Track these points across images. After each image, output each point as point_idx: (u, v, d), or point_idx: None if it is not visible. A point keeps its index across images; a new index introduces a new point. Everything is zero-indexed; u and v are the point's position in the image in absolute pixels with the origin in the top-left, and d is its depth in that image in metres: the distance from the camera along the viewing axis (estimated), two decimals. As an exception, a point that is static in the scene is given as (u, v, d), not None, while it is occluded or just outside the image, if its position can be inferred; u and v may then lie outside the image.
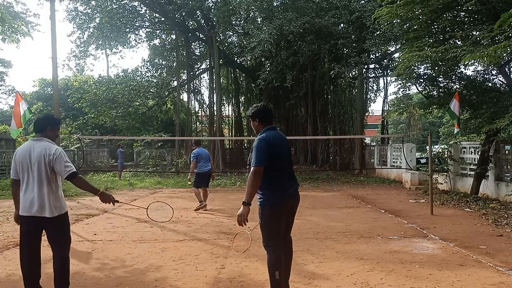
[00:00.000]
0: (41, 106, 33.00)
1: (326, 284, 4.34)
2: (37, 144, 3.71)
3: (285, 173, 3.68)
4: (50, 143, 3.75)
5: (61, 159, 3.65)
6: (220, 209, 9.92)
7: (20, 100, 8.39)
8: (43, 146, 3.68)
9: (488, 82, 12.69)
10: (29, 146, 3.72)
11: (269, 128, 3.72)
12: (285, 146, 3.76)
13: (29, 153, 3.67)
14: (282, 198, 3.62)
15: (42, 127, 3.79)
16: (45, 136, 3.77)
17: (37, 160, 3.63)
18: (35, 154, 3.65)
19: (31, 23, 23.11)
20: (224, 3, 19.97)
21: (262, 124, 3.74)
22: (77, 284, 4.42)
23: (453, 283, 4.32)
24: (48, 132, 3.80)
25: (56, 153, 3.65)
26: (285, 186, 3.64)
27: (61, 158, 3.65)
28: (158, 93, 25.05)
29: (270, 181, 3.58)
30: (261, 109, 3.77)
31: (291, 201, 3.70)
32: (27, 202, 3.65)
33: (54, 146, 3.72)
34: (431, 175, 9.22)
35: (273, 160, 3.54)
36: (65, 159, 3.69)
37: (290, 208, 3.72)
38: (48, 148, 3.67)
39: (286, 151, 3.76)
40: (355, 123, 23.22)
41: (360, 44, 18.48)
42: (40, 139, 3.74)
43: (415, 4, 10.22)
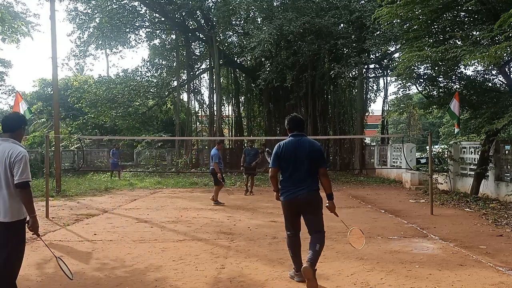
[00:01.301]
0: (41, 106, 32.99)
1: (326, 284, 4.34)
2: (2, 144, 3.50)
3: (296, 176, 4.21)
4: (16, 145, 3.52)
5: (20, 163, 3.40)
6: (220, 209, 9.91)
7: (20, 100, 8.40)
8: (8, 147, 3.46)
9: (488, 82, 12.69)
10: None
11: (291, 135, 4.35)
12: (302, 152, 4.20)
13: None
14: (289, 198, 4.29)
15: (16, 127, 3.60)
16: (13, 137, 3.56)
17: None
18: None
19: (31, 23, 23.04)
20: (224, 3, 19.96)
21: (289, 130, 4.42)
22: (77, 284, 4.42)
23: (453, 283, 4.32)
24: (20, 132, 3.65)
25: (18, 156, 3.42)
26: (293, 188, 4.23)
27: (21, 162, 3.40)
28: (158, 93, 25.04)
29: (282, 181, 4.33)
30: (289, 118, 4.46)
31: (295, 201, 4.26)
32: None
33: (19, 149, 3.49)
34: (431, 175, 9.22)
35: (283, 164, 4.24)
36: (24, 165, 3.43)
37: (301, 207, 4.29)
38: (12, 149, 3.44)
39: (302, 157, 4.19)
40: (355, 123, 23.22)
41: (360, 44, 18.48)
42: (6, 140, 3.52)
43: (415, 4, 10.22)
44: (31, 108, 11.49)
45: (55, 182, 13.28)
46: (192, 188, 15.24)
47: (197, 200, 11.61)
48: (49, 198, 9.01)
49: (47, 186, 8.91)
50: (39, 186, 14.52)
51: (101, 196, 12.68)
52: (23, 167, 3.39)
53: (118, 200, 11.78)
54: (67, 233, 7.14)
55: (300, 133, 4.34)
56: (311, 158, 4.20)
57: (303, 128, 4.42)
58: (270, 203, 10.89)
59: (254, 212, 9.42)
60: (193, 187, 15.67)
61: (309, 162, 4.19)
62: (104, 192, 13.90)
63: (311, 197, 4.21)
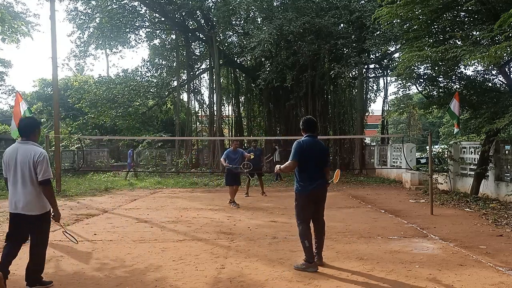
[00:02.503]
0: (41, 106, 32.97)
1: (326, 284, 4.34)
2: (24, 146, 4.00)
3: (313, 171, 4.80)
4: (36, 146, 4.03)
5: (43, 163, 3.92)
6: (220, 209, 9.91)
7: (20, 100, 8.40)
8: (29, 149, 3.97)
9: (488, 82, 12.68)
10: (15, 148, 4.03)
11: (308, 136, 4.91)
12: (317, 151, 4.85)
13: (16, 155, 3.99)
14: (309, 189, 4.80)
15: (30, 131, 4.08)
16: (31, 139, 4.05)
17: (22, 161, 3.92)
18: (20, 156, 3.95)
19: (31, 23, 23.11)
20: (224, 3, 19.95)
21: (303, 131, 4.97)
22: (77, 284, 4.42)
23: (453, 283, 4.32)
24: (35, 134, 4.10)
25: (40, 157, 3.94)
26: (314, 181, 4.80)
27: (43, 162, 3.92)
28: (158, 93, 25.04)
29: (300, 175, 4.82)
30: (304, 120, 5.01)
31: (316, 192, 4.84)
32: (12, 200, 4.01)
33: (39, 150, 4.00)
34: (431, 175, 9.22)
35: (302, 160, 4.76)
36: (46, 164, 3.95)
37: (315, 197, 4.88)
38: (34, 151, 3.95)
39: (317, 155, 4.84)
40: (355, 123, 23.22)
41: (360, 44, 18.48)
42: (26, 142, 4.03)
43: (415, 4, 10.22)
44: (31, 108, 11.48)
45: (55, 182, 13.25)
46: (192, 188, 15.24)
47: (197, 200, 11.61)
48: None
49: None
50: (39, 186, 14.53)
51: (101, 196, 12.69)
52: (45, 167, 3.92)
53: (118, 200, 11.79)
54: (67, 233, 7.14)
55: (314, 134, 4.95)
56: (323, 157, 4.93)
57: (316, 129, 5.02)
58: (270, 203, 10.90)
59: (254, 212, 9.42)
60: (193, 187, 15.67)
61: (322, 159, 4.90)
62: (104, 192, 13.91)
63: (325, 187, 4.96)
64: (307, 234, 4.79)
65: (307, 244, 4.73)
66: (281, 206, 10.20)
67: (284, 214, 8.96)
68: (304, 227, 4.82)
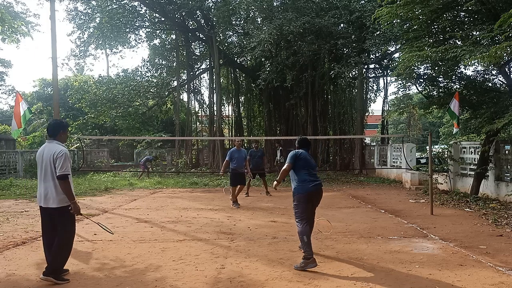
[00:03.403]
0: (41, 106, 32.98)
1: (326, 284, 4.34)
2: (49, 145, 4.42)
3: (309, 173, 5.26)
4: (59, 145, 4.41)
5: (61, 159, 4.26)
6: (220, 209, 9.91)
7: (20, 100, 8.39)
8: (53, 147, 4.37)
9: (488, 82, 12.69)
10: (44, 146, 4.48)
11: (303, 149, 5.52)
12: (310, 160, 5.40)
13: (43, 152, 4.41)
14: (308, 188, 5.16)
15: (56, 132, 4.47)
16: (57, 139, 4.46)
17: (46, 158, 4.33)
18: (46, 153, 4.36)
19: (31, 23, 23.11)
20: (224, 3, 19.96)
21: (298, 148, 5.56)
22: (77, 284, 4.42)
23: (453, 283, 4.32)
24: (61, 135, 4.50)
25: (59, 154, 4.28)
26: (309, 181, 5.20)
27: (62, 158, 4.26)
28: (158, 93, 25.03)
29: (299, 176, 5.24)
30: (299, 139, 5.62)
31: (313, 192, 5.20)
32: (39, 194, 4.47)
33: (60, 147, 4.37)
34: (431, 175, 9.22)
35: (300, 166, 5.26)
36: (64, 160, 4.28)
37: (312, 197, 5.24)
38: (55, 148, 4.34)
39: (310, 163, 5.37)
40: (355, 123, 23.21)
41: (360, 44, 18.47)
42: (51, 141, 4.44)
43: (415, 4, 10.22)
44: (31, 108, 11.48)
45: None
46: (192, 188, 15.23)
47: (197, 200, 11.61)
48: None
49: (47, 186, 8.89)
50: (39, 186, 14.53)
51: (101, 196, 12.68)
52: (63, 163, 4.25)
53: (118, 200, 11.78)
54: (67, 233, 7.14)
55: (307, 150, 5.55)
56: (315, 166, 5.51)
57: (309, 147, 5.61)
58: (270, 203, 10.90)
59: (254, 212, 9.42)
60: (193, 187, 15.66)
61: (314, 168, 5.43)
62: (104, 192, 13.90)
63: (321, 188, 5.36)
64: (306, 231, 5.03)
65: (305, 239, 4.95)
66: (281, 206, 10.20)
67: (284, 214, 8.96)
68: (304, 224, 5.08)
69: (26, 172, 19.43)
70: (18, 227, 7.63)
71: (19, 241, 6.42)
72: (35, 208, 9.96)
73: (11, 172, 18.78)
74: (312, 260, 4.86)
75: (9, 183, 15.06)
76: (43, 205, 4.41)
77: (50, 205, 4.35)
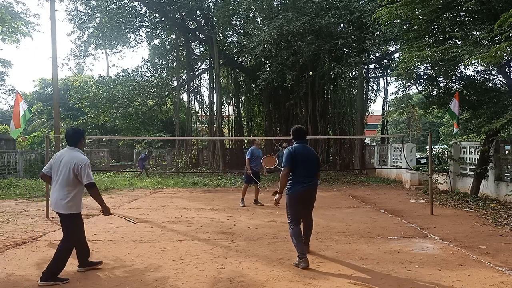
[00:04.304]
0: (41, 106, 32.99)
1: (326, 284, 4.34)
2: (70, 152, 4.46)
3: (302, 174, 5.06)
4: (80, 153, 4.49)
5: (85, 169, 4.35)
6: (220, 209, 9.91)
7: (20, 100, 8.39)
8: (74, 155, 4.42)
9: (488, 82, 12.69)
10: (63, 152, 4.53)
11: (298, 142, 5.21)
12: (307, 156, 5.13)
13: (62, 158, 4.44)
14: (298, 190, 5.05)
15: (76, 141, 4.55)
16: (77, 147, 4.54)
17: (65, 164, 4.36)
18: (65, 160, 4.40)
19: (31, 23, 23.10)
20: (224, 3, 19.96)
21: (294, 139, 5.26)
22: (77, 284, 4.42)
23: (453, 283, 4.32)
24: (81, 143, 4.60)
25: (82, 163, 4.35)
26: (300, 183, 5.05)
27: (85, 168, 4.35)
28: (158, 93, 25.03)
29: (291, 178, 5.08)
30: (293, 129, 5.32)
31: (304, 192, 5.09)
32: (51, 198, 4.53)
33: (82, 157, 4.44)
34: (431, 175, 9.22)
35: (298, 164, 5.04)
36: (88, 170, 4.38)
37: (304, 198, 5.13)
38: (77, 157, 4.39)
39: (308, 160, 5.11)
40: (355, 123, 23.21)
41: (360, 44, 18.47)
42: (72, 149, 4.51)
43: (415, 4, 10.22)
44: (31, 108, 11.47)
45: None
46: (192, 188, 15.23)
47: (197, 200, 11.60)
48: (49, 198, 8.99)
49: (47, 186, 8.88)
50: (39, 186, 14.53)
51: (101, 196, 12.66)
52: (88, 172, 4.35)
53: (118, 200, 11.78)
54: (67, 233, 7.14)
55: (304, 141, 5.26)
56: (314, 161, 5.22)
57: (305, 137, 5.32)
58: (270, 203, 10.88)
59: (254, 212, 9.41)
60: (193, 187, 15.66)
61: (314, 164, 5.18)
62: (104, 192, 13.88)
63: (315, 189, 5.24)
64: (295, 233, 5.07)
65: (295, 241, 5.02)
66: (281, 206, 10.16)
67: (284, 214, 8.87)
68: (294, 228, 5.10)
69: (26, 172, 19.44)
70: (18, 227, 7.63)
71: (19, 241, 6.42)
72: (35, 208, 9.96)
73: (11, 172, 18.79)
74: (304, 261, 4.86)
75: (9, 183, 15.07)
76: (54, 209, 4.50)
77: (60, 210, 4.43)
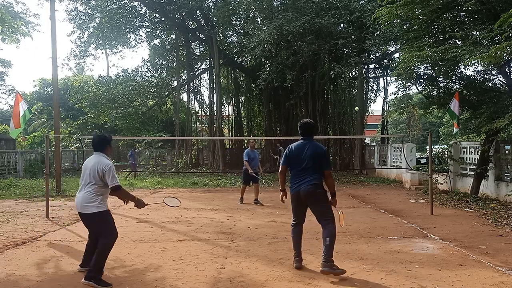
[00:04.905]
0: (41, 106, 32.99)
1: (326, 284, 4.34)
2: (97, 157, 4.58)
3: (299, 173, 4.80)
4: (105, 158, 4.59)
5: (110, 173, 4.43)
6: (220, 209, 9.91)
7: (20, 100, 8.39)
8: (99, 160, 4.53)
9: (488, 82, 12.68)
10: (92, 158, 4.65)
11: (302, 139, 4.94)
12: (307, 154, 4.78)
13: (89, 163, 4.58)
14: (295, 191, 4.80)
15: (102, 147, 4.67)
16: (103, 152, 4.66)
17: (91, 168, 4.48)
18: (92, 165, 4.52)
19: (31, 23, 23.14)
20: (224, 3, 19.96)
21: (300, 134, 4.98)
22: (77, 284, 4.42)
23: (453, 283, 4.32)
24: (107, 149, 4.71)
25: (106, 167, 4.44)
26: (298, 182, 4.78)
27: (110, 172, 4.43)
28: (158, 93, 25.04)
29: (290, 176, 4.92)
30: (299, 124, 5.04)
31: (300, 193, 4.76)
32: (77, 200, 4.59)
33: (106, 161, 4.53)
34: (431, 175, 9.22)
35: (292, 163, 4.87)
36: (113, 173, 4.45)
37: (301, 199, 4.79)
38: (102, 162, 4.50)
39: (307, 158, 4.77)
40: (355, 123, 23.22)
41: (360, 44, 18.48)
42: (99, 154, 4.62)
43: (415, 4, 10.22)
44: (31, 108, 11.47)
45: (55, 182, 13.28)
46: (192, 188, 15.23)
47: (197, 200, 11.60)
48: (49, 198, 9.00)
49: (47, 186, 8.90)
50: (39, 186, 14.53)
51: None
52: (112, 175, 4.45)
53: (118, 200, 11.74)
54: (67, 233, 7.14)
55: (308, 137, 4.93)
56: (315, 159, 4.77)
57: (312, 133, 4.99)
58: (270, 203, 10.88)
59: (254, 212, 9.41)
60: (193, 187, 15.66)
61: (314, 162, 4.76)
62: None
63: (312, 189, 4.72)
64: (292, 232, 4.98)
65: (292, 240, 4.99)
66: (281, 206, 10.16)
67: (284, 214, 8.96)
68: (292, 228, 5.00)
69: (26, 172, 19.44)
70: (18, 227, 7.63)
71: (19, 241, 6.41)
72: (35, 208, 9.96)
73: (11, 172, 18.79)
74: (295, 260, 4.86)
75: (9, 183, 15.07)
76: (81, 211, 4.55)
77: (88, 211, 4.49)
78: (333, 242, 4.64)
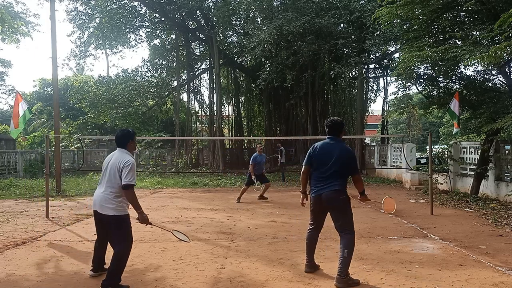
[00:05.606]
0: (41, 106, 32.98)
1: (326, 284, 4.34)
2: (118, 153, 4.35)
3: (321, 175, 4.48)
4: (127, 154, 4.33)
5: (127, 169, 4.14)
6: (220, 209, 9.91)
7: (20, 100, 8.39)
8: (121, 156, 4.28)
9: (488, 82, 12.69)
10: (112, 154, 4.44)
11: (328, 138, 4.60)
12: (331, 155, 4.44)
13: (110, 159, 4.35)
14: (315, 195, 4.52)
15: (125, 142, 4.39)
16: (126, 149, 4.39)
17: (112, 165, 4.25)
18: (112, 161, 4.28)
19: (31, 23, 23.16)
20: (224, 3, 19.96)
21: (327, 133, 4.62)
22: (77, 284, 4.42)
23: (453, 283, 4.32)
24: (130, 145, 4.42)
25: (126, 163, 4.17)
26: (319, 186, 4.48)
27: (128, 168, 4.14)
28: (158, 93, 25.03)
29: (311, 178, 4.61)
30: (327, 122, 4.68)
31: (319, 198, 4.48)
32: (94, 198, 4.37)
33: (128, 157, 4.27)
34: (431, 175, 9.22)
35: (314, 163, 4.55)
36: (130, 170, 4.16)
37: (320, 204, 4.52)
38: (123, 158, 4.24)
39: (331, 159, 4.42)
40: (355, 123, 23.22)
41: (360, 44, 18.47)
42: (121, 150, 4.36)
43: (415, 4, 10.22)
44: (31, 108, 11.48)
45: (55, 182, 13.28)
46: (192, 188, 15.23)
47: (197, 200, 11.60)
48: (49, 198, 9.00)
49: (47, 186, 8.90)
50: (39, 186, 14.53)
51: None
52: (129, 172, 4.13)
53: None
54: (67, 233, 7.14)
55: (335, 137, 4.58)
56: (343, 163, 4.44)
57: (336, 132, 4.58)
58: (270, 203, 10.89)
59: (254, 212, 9.41)
60: (193, 187, 15.66)
61: (340, 166, 4.43)
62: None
63: (335, 195, 4.43)
64: (307, 237, 4.77)
65: (306, 245, 4.78)
66: (281, 206, 10.20)
67: (284, 214, 8.96)
68: (308, 232, 4.78)
69: (26, 172, 19.44)
70: (18, 227, 7.63)
71: (19, 241, 6.41)
72: (35, 208, 9.96)
73: (11, 172, 18.79)
74: (306, 265, 4.76)
75: (9, 183, 15.07)
76: (99, 210, 4.29)
77: (106, 212, 4.23)
78: (351, 255, 4.37)
